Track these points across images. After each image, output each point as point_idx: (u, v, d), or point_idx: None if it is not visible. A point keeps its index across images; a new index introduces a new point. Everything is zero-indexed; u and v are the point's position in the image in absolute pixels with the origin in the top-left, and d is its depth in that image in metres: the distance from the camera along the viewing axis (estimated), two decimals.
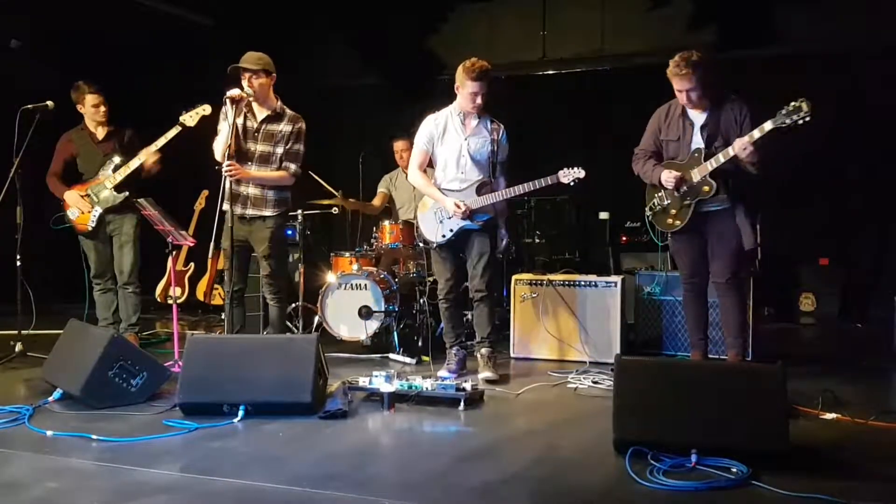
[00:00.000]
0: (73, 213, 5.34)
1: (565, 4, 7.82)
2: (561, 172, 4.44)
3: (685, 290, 4.52)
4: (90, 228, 5.33)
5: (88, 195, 5.31)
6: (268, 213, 4.70)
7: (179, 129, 5.02)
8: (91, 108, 5.35)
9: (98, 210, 5.29)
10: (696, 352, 4.54)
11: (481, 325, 4.65)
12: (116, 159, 5.30)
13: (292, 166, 4.73)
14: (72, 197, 5.31)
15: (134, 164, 5.20)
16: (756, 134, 3.94)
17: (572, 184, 4.42)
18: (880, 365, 5.07)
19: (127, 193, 5.28)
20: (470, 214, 4.56)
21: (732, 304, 4.32)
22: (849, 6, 6.80)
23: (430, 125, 4.71)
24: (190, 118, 4.98)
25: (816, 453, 3.18)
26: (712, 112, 4.22)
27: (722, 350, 4.79)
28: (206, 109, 4.96)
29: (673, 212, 4.34)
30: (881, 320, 5.82)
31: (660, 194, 4.39)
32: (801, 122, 3.80)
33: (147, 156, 5.19)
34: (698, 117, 4.27)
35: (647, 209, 4.47)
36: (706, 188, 4.17)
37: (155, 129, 5.13)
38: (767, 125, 3.91)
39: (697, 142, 4.25)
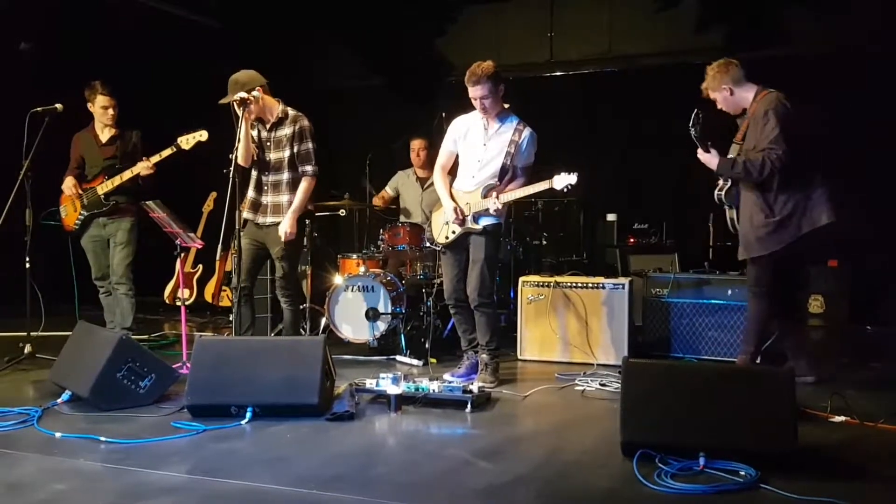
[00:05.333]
0: (63, 211, 5.46)
1: (573, 6, 7.80)
2: (556, 178, 4.31)
3: None
4: (75, 228, 5.41)
5: (81, 197, 5.36)
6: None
7: (174, 150, 5.11)
8: (100, 108, 5.40)
9: (84, 213, 5.35)
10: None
11: (480, 332, 4.60)
12: (117, 166, 5.36)
13: (309, 168, 4.68)
14: (68, 183, 5.37)
15: (126, 175, 5.26)
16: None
17: (565, 190, 4.29)
18: (890, 367, 5.04)
19: (115, 201, 5.33)
20: (472, 217, 4.51)
21: (749, 312, 4.40)
22: (859, 5, 6.76)
23: (455, 126, 4.65)
24: (185, 142, 5.08)
25: (825, 456, 3.17)
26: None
27: (736, 353, 4.80)
28: (202, 136, 5.05)
29: None
30: (891, 322, 5.79)
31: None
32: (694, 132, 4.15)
33: (141, 169, 5.25)
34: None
35: None
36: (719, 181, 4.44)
37: (161, 131, 5.14)
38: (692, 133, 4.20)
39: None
